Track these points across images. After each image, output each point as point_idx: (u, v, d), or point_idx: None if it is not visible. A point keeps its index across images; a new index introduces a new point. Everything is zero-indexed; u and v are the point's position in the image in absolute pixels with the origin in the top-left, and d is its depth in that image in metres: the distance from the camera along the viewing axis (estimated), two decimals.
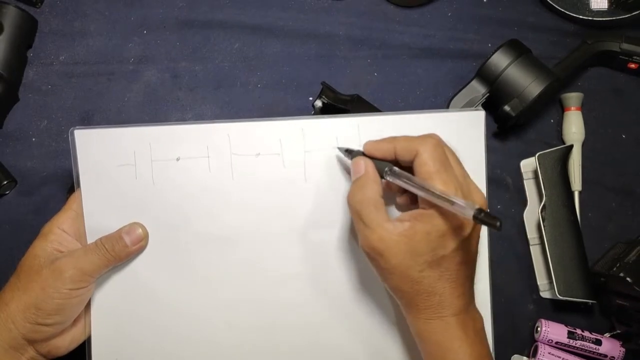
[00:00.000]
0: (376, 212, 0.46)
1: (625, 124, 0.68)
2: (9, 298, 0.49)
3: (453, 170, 0.46)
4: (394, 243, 0.44)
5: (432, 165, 0.45)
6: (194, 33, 0.68)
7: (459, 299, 0.46)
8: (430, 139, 0.47)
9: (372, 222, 0.45)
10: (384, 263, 0.45)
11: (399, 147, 0.48)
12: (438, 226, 0.44)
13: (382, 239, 0.45)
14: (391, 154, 0.48)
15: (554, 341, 0.62)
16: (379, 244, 0.45)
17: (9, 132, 0.65)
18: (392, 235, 0.44)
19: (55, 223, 0.52)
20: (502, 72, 0.63)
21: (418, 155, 0.46)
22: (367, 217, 0.46)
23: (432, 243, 0.44)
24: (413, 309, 0.47)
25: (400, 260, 0.45)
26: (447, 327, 0.46)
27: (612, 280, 0.60)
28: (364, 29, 0.69)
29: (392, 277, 0.46)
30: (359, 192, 0.47)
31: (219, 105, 0.67)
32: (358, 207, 0.46)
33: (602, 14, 0.68)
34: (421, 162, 0.46)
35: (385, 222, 0.45)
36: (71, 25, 0.68)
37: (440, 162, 0.45)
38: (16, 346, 0.49)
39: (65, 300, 0.49)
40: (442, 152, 0.46)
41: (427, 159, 0.45)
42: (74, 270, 0.49)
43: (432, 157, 0.45)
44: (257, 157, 0.54)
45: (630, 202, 0.67)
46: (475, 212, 0.40)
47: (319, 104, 0.63)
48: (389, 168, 0.48)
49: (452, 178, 0.45)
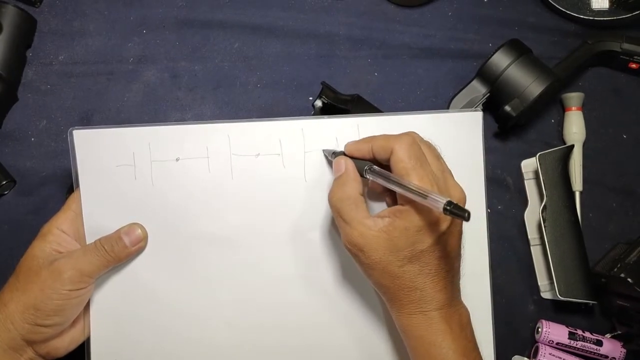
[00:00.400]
0: (356, 209, 0.47)
1: (626, 124, 0.68)
2: (7, 299, 0.49)
3: (429, 166, 0.47)
4: (374, 239, 0.45)
5: (408, 162, 0.46)
6: (193, 33, 0.68)
7: (441, 293, 0.47)
8: (405, 137, 0.47)
9: (352, 219, 0.46)
10: (365, 258, 0.46)
11: (376, 146, 0.49)
12: (415, 221, 0.45)
13: (362, 235, 0.46)
14: (370, 153, 0.49)
15: (555, 342, 0.62)
16: (359, 240, 0.46)
17: (8, 132, 0.65)
18: (371, 231, 0.46)
19: (54, 224, 0.52)
20: (502, 72, 0.63)
21: (394, 152, 0.47)
22: (347, 215, 0.47)
23: (411, 238, 0.45)
24: (396, 304, 0.48)
25: (380, 255, 0.46)
26: (430, 322, 0.47)
27: (612, 281, 0.60)
28: (364, 28, 0.69)
29: (374, 272, 0.47)
30: (339, 190, 0.48)
31: (219, 105, 0.67)
32: (338, 204, 0.48)
33: (603, 14, 0.68)
34: (397, 159, 0.46)
35: (365, 219, 0.46)
36: (70, 24, 0.67)
37: (416, 158, 0.46)
38: (15, 347, 0.49)
39: (64, 301, 0.49)
40: (417, 148, 0.47)
41: (402, 156, 0.46)
42: (73, 271, 0.49)
43: (407, 153, 0.46)
44: (257, 158, 0.54)
45: (631, 203, 0.67)
46: (445, 204, 0.41)
47: (319, 104, 0.63)
48: (369, 167, 0.49)
49: (428, 173, 0.46)
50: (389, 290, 0.47)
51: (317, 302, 0.55)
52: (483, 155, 0.56)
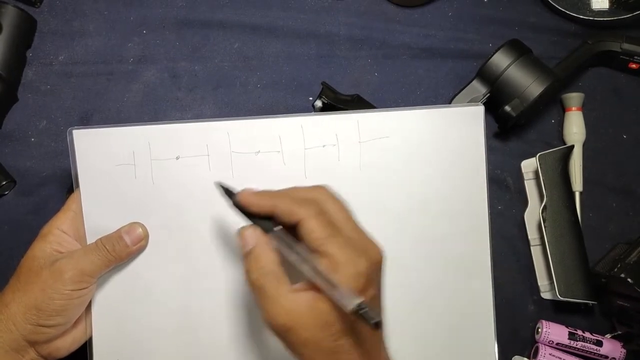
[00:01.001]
0: (278, 285, 0.43)
1: (626, 124, 0.68)
2: (9, 299, 0.49)
3: (344, 231, 0.43)
4: (303, 316, 0.41)
5: (322, 231, 0.42)
6: (193, 33, 0.68)
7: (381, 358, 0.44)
8: (311, 207, 0.43)
9: (277, 296, 0.42)
10: (295, 338, 0.42)
11: (279, 210, 0.44)
12: None
13: (289, 312, 0.41)
14: (270, 212, 0.45)
15: (555, 342, 0.62)
16: (286, 319, 0.41)
17: (8, 132, 0.65)
18: (299, 308, 0.41)
19: (54, 224, 0.52)
20: (502, 72, 0.63)
21: (302, 222, 0.43)
22: (270, 291, 0.42)
23: (340, 310, 0.41)
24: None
25: (311, 332, 0.41)
26: None
27: (613, 281, 0.60)
28: (364, 28, 0.69)
29: (307, 350, 0.42)
30: (256, 265, 0.44)
31: (219, 106, 0.67)
32: (258, 282, 0.43)
33: (603, 14, 0.68)
34: (308, 229, 0.42)
35: (290, 294, 0.42)
36: (70, 25, 0.67)
37: (329, 225, 0.43)
38: (17, 348, 0.48)
39: (66, 301, 0.49)
40: (327, 216, 0.43)
41: (314, 226, 0.42)
42: (74, 271, 0.49)
43: (319, 222, 0.42)
44: (257, 155, 0.54)
45: (631, 203, 0.66)
46: (354, 308, 0.38)
47: (319, 104, 0.63)
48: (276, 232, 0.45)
49: (346, 239, 0.43)
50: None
51: None
52: (485, 150, 0.56)
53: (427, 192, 0.56)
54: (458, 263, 0.56)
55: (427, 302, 0.56)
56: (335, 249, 0.42)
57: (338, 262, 0.41)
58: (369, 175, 0.55)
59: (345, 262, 0.41)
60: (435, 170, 0.56)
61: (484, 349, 0.56)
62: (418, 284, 0.56)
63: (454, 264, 0.56)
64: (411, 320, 0.56)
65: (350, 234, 0.44)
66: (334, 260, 0.41)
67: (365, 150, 0.55)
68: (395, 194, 0.56)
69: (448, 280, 0.56)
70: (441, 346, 0.56)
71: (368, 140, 0.56)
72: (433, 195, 0.56)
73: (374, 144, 0.56)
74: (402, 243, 0.56)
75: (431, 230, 0.56)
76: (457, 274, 0.56)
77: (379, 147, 0.56)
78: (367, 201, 0.55)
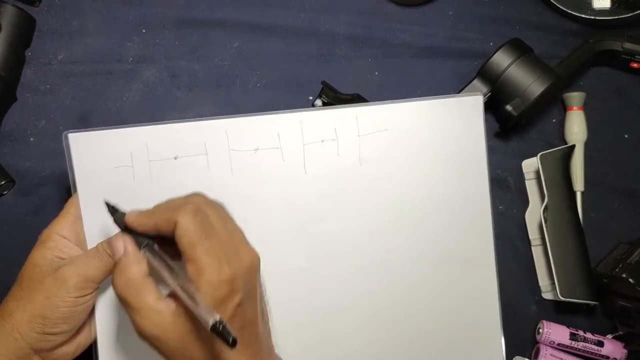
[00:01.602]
0: (143, 295, 0.43)
1: (627, 124, 0.68)
2: (13, 308, 0.48)
3: (217, 235, 0.43)
4: (168, 325, 0.42)
5: (193, 235, 0.42)
6: (193, 32, 0.68)
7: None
8: (188, 205, 0.44)
9: (141, 307, 0.42)
10: (163, 347, 0.42)
11: (158, 221, 0.44)
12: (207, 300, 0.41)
13: (154, 322, 0.42)
14: (154, 228, 0.45)
15: (556, 342, 0.61)
16: (151, 329, 0.42)
17: (6, 132, 0.64)
18: (164, 317, 0.42)
19: (53, 229, 0.51)
20: (503, 72, 0.62)
21: (177, 226, 0.43)
22: (135, 303, 0.42)
23: None
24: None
25: (177, 342, 0.42)
26: None
27: (614, 281, 0.59)
28: (364, 27, 0.69)
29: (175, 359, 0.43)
30: (121, 277, 0.44)
31: (219, 105, 0.66)
32: (124, 293, 0.43)
33: (605, 13, 0.68)
34: (181, 233, 0.42)
35: (155, 303, 0.42)
36: (69, 24, 0.67)
37: (202, 230, 0.42)
38: (22, 356, 0.48)
39: (71, 308, 0.48)
40: (203, 216, 0.43)
41: (187, 230, 0.42)
42: (78, 277, 0.48)
43: (192, 226, 0.42)
44: (255, 152, 0.54)
45: (633, 203, 0.66)
46: (212, 324, 0.38)
47: (319, 103, 0.62)
48: (146, 245, 0.45)
49: (215, 244, 0.42)
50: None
51: (320, 295, 0.55)
52: (485, 140, 0.56)
53: (428, 183, 0.56)
54: (460, 255, 0.56)
55: (428, 297, 0.56)
56: (203, 253, 0.42)
57: (202, 268, 0.41)
58: (368, 169, 0.55)
59: (209, 269, 0.41)
60: (436, 161, 0.56)
61: (490, 347, 0.56)
62: (417, 279, 0.56)
63: (456, 257, 0.56)
64: (413, 316, 0.56)
65: (223, 237, 0.43)
66: (199, 266, 0.41)
67: (364, 144, 0.55)
68: (396, 187, 0.56)
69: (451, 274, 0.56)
70: (445, 345, 0.56)
71: (367, 134, 0.55)
72: (434, 187, 0.56)
73: (373, 138, 0.55)
74: (402, 237, 0.56)
75: (432, 222, 0.56)
76: (459, 266, 0.56)
77: (378, 140, 0.55)
78: (367, 195, 0.55)
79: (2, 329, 0.47)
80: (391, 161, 0.56)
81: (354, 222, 0.55)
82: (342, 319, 0.55)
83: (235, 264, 0.43)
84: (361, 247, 0.55)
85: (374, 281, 0.55)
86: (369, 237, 0.55)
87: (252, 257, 0.45)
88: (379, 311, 0.55)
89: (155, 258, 0.45)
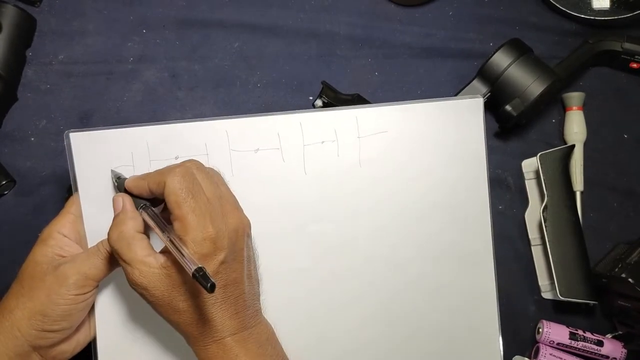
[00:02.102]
0: (134, 249, 0.45)
1: (627, 124, 0.68)
2: (13, 305, 0.48)
3: (203, 195, 0.45)
4: (156, 276, 0.45)
5: (179, 194, 0.44)
6: (193, 32, 0.68)
7: (232, 320, 0.46)
8: (178, 168, 0.46)
9: (132, 259, 0.45)
10: (150, 297, 0.45)
11: (151, 183, 0.47)
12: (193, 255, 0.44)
13: (143, 274, 0.45)
14: (147, 190, 0.48)
15: (556, 342, 0.61)
16: (140, 280, 0.45)
17: (7, 132, 0.65)
18: (152, 269, 0.45)
19: (54, 228, 0.51)
20: (503, 72, 0.62)
21: (166, 185, 0.45)
22: (126, 255, 0.45)
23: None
24: (190, 338, 0.47)
25: (163, 292, 0.45)
26: (225, 349, 0.46)
27: (613, 281, 0.60)
28: (364, 28, 0.69)
29: (161, 309, 0.46)
30: (116, 230, 0.47)
31: (219, 105, 0.66)
32: (116, 245, 0.46)
33: (604, 14, 0.68)
34: (169, 191, 0.45)
35: (146, 257, 0.45)
36: (70, 24, 0.67)
37: (188, 190, 0.45)
38: (22, 353, 0.48)
39: (71, 306, 0.48)
40: (191, 178, 0.46)
41: (174, 188, 0.45)
42: (78, 275, 0.48)
43: (179, 185, 0.45)
44: (256, 153, 0.54)
45: (632, 203, 0.66)
46: (194, 271, 0.41)
47: (320, 104, 0.63)
48: (143, 205, 0.48)
49: (201, 204, 0.45)
50: (180, 325, 0.46)
51: (321, 295, 0.55)
52: (485, 141, 0.56)
53: (428, 185, 0.56)
54: (459, 255, 0.56)
55: (427, 296, 0.56)
56: (189, 212, 0.44)
57: (188, 226, 0.44)
58: (368, 170, 0.55)
59: (194, 227, 0.44)
60: (436, 163, 0.56)
61: (489, 346, 0.56)
62: (416, 278, 0.56)
63: (455, 257, 0.56)
64: (412, 316, 0.56)
65: (211, 199, 0.46)
66: (185, 224, 0.44)
67: (364, 146, 0.55)
68: (395, 188, 0.56)
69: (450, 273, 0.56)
70: (444, 344, 0.56)
71: (367, 136, 0.55)
72: (434, 188, 0.56)
73: (373, 139, 0.55)
74: (401, 237, 0.56)
75: (432, 222, 0.56)
76: (458, 266, 0.56)
77: (378, 142, 0.55)
78: (366, 196, 0.55)
79: (2, 326, 0.48)
80: (391, 162, 0.56)
81: (354, 223, 0.55)
82: (342, 318, 0.55)
83: (219, 224, 0.45)
84: (360, 248, 0.55)
85: (373, 281, 0.55)
86: (369, 238, 0.55)
87: (240, 220, 0.48)
88: (378, 311, 0.55)
89: (151, 219, 0.47)
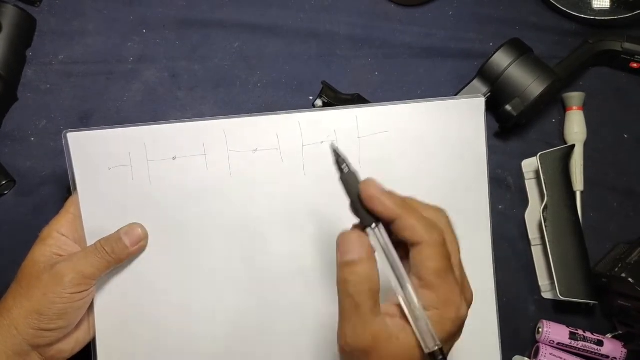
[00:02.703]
0: (374, 307, 0.39)
1: (627, 124, 0.68)
2: (11, 304, 0.48)
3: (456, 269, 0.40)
4: (385, 343, 0.38)
5: (438, 263, 0.39)
6: (193, 32, 0.68)
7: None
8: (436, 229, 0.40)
9: (370, 318, 0.38)
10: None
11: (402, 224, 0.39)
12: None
13: (376, 337, 0.38)
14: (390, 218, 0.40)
15: (556, 342, 0.61)
16: (370, 342, 0.38)
17: (7, 132, 0.65)
18: (384, 335, 0.38)
19: (53, 227, 0.52)
20: (503, 72, 0.62)
21: (423, 247, 0.39)
22: (365, 312, 0.38)
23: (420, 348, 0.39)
24: None
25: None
26: None
27: (614, 281, 0.60)
28: (364, 28, 0.69)
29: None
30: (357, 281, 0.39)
31: (219, 105, 0.66)
32: (356, 299, 0.38)
33: (604, 13, 0.68)
34: (426, 256, 0.39)
35: (380, 317, 0.39)
36: (70, 24, 0.67)
37: (446, 261, 0.39)
38: (20, 352, 0.48)
39: (67, 304, 0.48)
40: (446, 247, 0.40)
41: (431, 255, 0.39)
42: (74, 274, 0.48)
43: (438, 254, 0.39)
44: (254, 153, 0.54)
45: (633, 203, 0.66)
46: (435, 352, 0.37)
47: (320, 104, 0.62)
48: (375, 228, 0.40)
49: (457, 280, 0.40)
50: None
51: (321, 296, 0.55)
52: (486, 142, 0.56)
53: (428, 186, 0.56)
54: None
55: None
56: (446, 287, 0.39)
57: (445, 301, 0.39)
58: (368, 171, 0.55)
59: (450, 304, 0.39)
60: (436, 163, 0.56)
61: (486, 350, 0.56)
62: None
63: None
64: None
65: (459, 274, 0.41)
66: (441, 298, 0.39)
67: (364, 146, 0.55)
68: (395, 188, 0.55)
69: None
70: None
71: (367, 136, 0.55)
72: (434, 189, 0.56)
73: (373, 139, 0.55)
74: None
75: None
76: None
77: (378, 142, 0.55)
78: None
79: (0, 325, 0.48)
80: (391, 163, 0.55)
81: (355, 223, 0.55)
82: None
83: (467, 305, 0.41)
84: None
85: None
86: None
87: (472, 296, 0.42)
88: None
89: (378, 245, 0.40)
